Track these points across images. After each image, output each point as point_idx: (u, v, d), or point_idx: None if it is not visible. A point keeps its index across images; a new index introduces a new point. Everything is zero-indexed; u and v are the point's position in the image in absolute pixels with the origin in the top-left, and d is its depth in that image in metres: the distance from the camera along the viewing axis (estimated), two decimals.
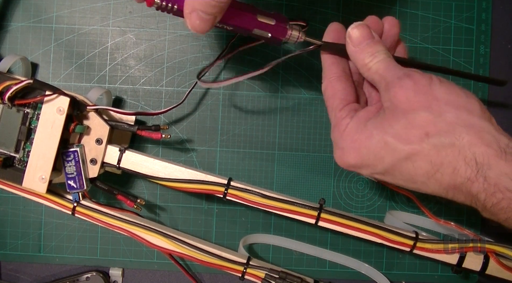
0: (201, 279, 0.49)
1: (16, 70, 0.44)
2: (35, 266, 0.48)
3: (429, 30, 0.48)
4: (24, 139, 0.38)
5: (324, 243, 0.48)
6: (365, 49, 0.33)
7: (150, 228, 0.40)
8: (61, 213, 0.40)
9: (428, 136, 0.30)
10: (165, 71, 0.48)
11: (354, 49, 0.34)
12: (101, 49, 0.47)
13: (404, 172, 0.31)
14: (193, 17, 0.30)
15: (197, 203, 0.48)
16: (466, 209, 0.48)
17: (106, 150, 0.40)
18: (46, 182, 0.37)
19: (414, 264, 0.49)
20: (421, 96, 0.30)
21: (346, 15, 0.48)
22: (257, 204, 0.39)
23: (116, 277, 0.48)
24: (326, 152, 0.48)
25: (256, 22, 0.34)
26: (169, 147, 0.48)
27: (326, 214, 0.39)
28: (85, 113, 0.39)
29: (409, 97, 0.31)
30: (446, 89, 0.31)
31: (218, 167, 0.48)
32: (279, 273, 0.40)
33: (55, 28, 0.47)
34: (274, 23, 0.34)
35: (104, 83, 0.47)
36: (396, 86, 0.31)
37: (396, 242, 0.39)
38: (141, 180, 0.48)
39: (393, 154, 0.31)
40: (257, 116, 0.48)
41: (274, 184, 0.48)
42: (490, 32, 0.48)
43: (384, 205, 0.48)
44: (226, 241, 0.48)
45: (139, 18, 0.47)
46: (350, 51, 0.34)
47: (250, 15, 0.34)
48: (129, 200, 0.41)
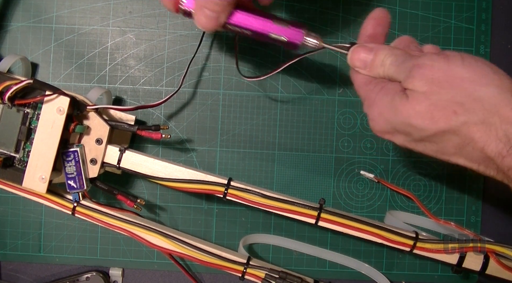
0: (201, 279, 0.49)
1: (16, 70, 0.44)
2: (35, 266, 0.48)
3: (429, 30, 0.48)
4: (24, 139, 0.38)
5: (324, 243, 0.48)
6: (372, 67, 0.34)
7: (150, 228, 0.40)
8: (61, 213, 0.40)
9: (456, 114, 0.30)
10: (165, 71, 0.48)
11: (365, 72, 0.35)
12: (101, 49, 0.47)
13: (433, 144, 0.32)
14: (200, 14, 0.34)
15: (197, 203, 0.48)
16: (466, 209, 0.48)
17: (106, 150, 0.40)
18: (46, 182, 0.37)
19: (414, 264, 0.49)
20: (442, 78, 0.30)
21: (346, 15, 0.48)
22: (257, 204, 0.39)
23: (116, 277, 0.48)
24: (326, 152, 0.48)
25: (272, 26, 0.36)
26: (169, 147, 0.48)
27: (326, 214, 0.39)
28: (85, 113, 0.39)
29: (423, 82, 0.31)
30: (470, 67, 0.30)
31: (218, 167, 0.48)
32: (279, 273, 0.40)
33: (55, 28, 0.47)
34: (289, 27, 0.36)
35: (104, 83, 0.47)
36: (413, 77, 0.31)
37: (396, 242, 0.39)
38: (141, 180, 0.48)
39: (420, 132, 0.31)
40: (257, 116, 0.48)
41: (274, 184, 0.48)
42: (490, 32, 0.48)
43: (384, 205, 0.48)
44: (226, 241, 0.48)
45: (139, 18, 0.47)
46: (364, 74, 0.35)
47: (265, 19, 0.36)
48: (129, 200, 0.41)
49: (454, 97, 0.30)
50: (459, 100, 0.30)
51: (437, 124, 0.30)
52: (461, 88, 0.30)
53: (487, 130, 0.29)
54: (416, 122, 0.31)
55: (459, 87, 0.30)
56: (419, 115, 0.31)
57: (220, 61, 0.47)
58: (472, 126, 0.30)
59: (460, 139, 0.30)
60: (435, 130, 0.31)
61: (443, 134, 0.31)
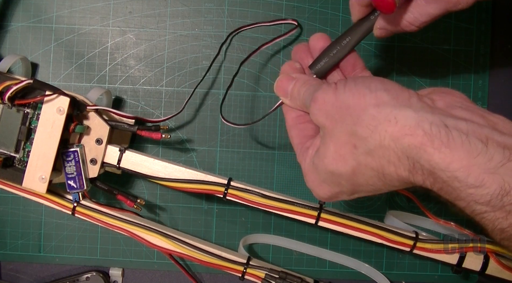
0: (201, 279, 0.49)
1: (16, 70, 0.44)
2: (35, 266, 0.48)
3: (429, 30, 0.48)
4: (24, 139, 0.38)
5: (324, 243, 0.48)
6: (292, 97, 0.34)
7: (150, 228, 0.40)
8: (61, 213, 0.40)
9: (356, 147, 0.28)
10: (165, 71, 0.48)
11: (287, 102, 0.35)
12: (101, 49, 0.47)
13: (363, 186, 0.30)
14: None
15: (197, 203, 0.48)
16: None
17: (106, 150, 0.40)
18: (46, 182, 0.37)
19: (414, 264, 0.49)
20: (332, 112, 0.29)
21: (346, 15, 0.47)
22: (257, 204, 0.39)
23: (116, 277, 0.48)
24: None
25: None
26: (169, 147, 0.48)
27: (326, 214, 0.39)
28: (85, 113, 0.39)
29: (323, 119, 0.30)
30: (350, 92, 0.29)
31: (218, 167, 0.48)
32: (279, 273, 0.40)
33: (55, 28, 0.47)
34: None
35: (104, 83, 0.47)
36: (312, 114, 0.31)
37: (396, 242, 0.39)
38: (141, 180, 0.48)
39: (342, 177, 0.30)
40: (257, 116, 0.48)
41: (274, 184, 0.48)
42: (490, 32, 0.48)
43: (384, 205, 0.48)
44: (226, 241, 0.48)
45: (139, 18, 0.47)
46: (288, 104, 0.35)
47: None
48: (129, 200, 0.41)
49: (348, 128, 0.28)
50: (353, 130, 0.28)
51: (348, 163, 0.29)
52: (350, 117, 0.28)
53: (386, 153, 0.27)
54: (331, 167, 0.30)
55: (349, 117, 0.28)
56: (332, 160, 0.29)
57: (220, 61, 0.47)
58: (374, 154, 0.27)
59: (374, 170, 0.28)
60: (350, 169, 0.29)
61: (359, 170, 0.29)
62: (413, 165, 0.26)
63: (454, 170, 0.25)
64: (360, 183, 0.30)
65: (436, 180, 0.26)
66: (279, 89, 0.35)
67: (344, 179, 0.30)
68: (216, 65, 0.47)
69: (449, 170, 0.25)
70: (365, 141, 0.27)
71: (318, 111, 0.30)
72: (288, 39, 0.47)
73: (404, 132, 0.26)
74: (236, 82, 0.47)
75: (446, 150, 0.25)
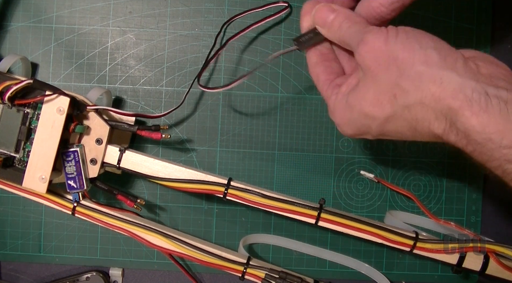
0: (201, 279, 0.49)
1: (16, 70, 0.44)
2: (35, 266, 0.48)
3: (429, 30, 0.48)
4: (24, 139, 0.38)
5: (324, 243, 0.48)
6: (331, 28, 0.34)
7: (150, 228, 0.40)
8: (61, 213, 0.40)
9: (396, 97, 0.29)
10: (165, 71, 0.48)
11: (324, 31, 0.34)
12: (101, 49, 0.47)
13: (392, 132, 0.32)
14: None
15: (197, 203, 0.48)
16: (466, 209, 0.48)
17: (106, 150, 0.40)
18: (46, 182, 0.37)
19: (414, 264, 0.49)
20: (380, 59, 0.30)
21: None
22: (257, 204, 0.39)
23: (116, 277, 0.48)
24: (326, 152, 0.48)
25: None
26: (169, 147, 0.48)
27: (326, 214, 0.39)
28: (85, 113, 0.39)
29: (370, 63, 0.30)
30: (401, 45, 0.29)
31: (218, 167, 0.48)
32: (279, 273, 0.40)
33: (55, 28, 0.47)
34: None
35: (104, 83, 0.47)
36: (359, 54, 0.31)
37: (396, 242, 0.39)
38: (141, 180, 0.48)
39: (375, 121, 0.31)
40: (257, 116, 0.48)
41: (274, 184, 0.48)
42: (490, 32, 0.48)
43: (384, 205, 0.48)
44: (226, 241, 0.48)
45: (139, 18, 0.47)
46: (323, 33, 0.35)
47: None
48: (129, 200, 0.41)
49: (393, 79, 0.29)
50: (397, 82, 0.29)
51: (385, 110, 0.30)
52: (396, 68, 0.29)
53: (424, 110, 0.29)
54: (368, 110, 0.31)
55: (395, 68, 0.29)
56: (370, 103, 0.31)
57: (220, 61, 0.47)
58: (412, 109, 0.29)
59: (408, 122, 0.30)
60: (385, 116, 0.30)
61: (393, 119, 0.30)
62: (449, 126, 0.28)
63: (490, 133, 0.26)
64: (389, 129, 0.31)
65: (469, 142, 0.28)
66: (319, 17, 0.34)
67: (376, 124, 0.31)
68: (216, 65, 0.47)
69: (485, 133, 0.27)
70: (407, 95, 0.29)
71: (366, 54, 0.30)
72: (284, 33, 0.47)
73: (446, 94, 0.27)
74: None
75: (484, 115, 0.27)
